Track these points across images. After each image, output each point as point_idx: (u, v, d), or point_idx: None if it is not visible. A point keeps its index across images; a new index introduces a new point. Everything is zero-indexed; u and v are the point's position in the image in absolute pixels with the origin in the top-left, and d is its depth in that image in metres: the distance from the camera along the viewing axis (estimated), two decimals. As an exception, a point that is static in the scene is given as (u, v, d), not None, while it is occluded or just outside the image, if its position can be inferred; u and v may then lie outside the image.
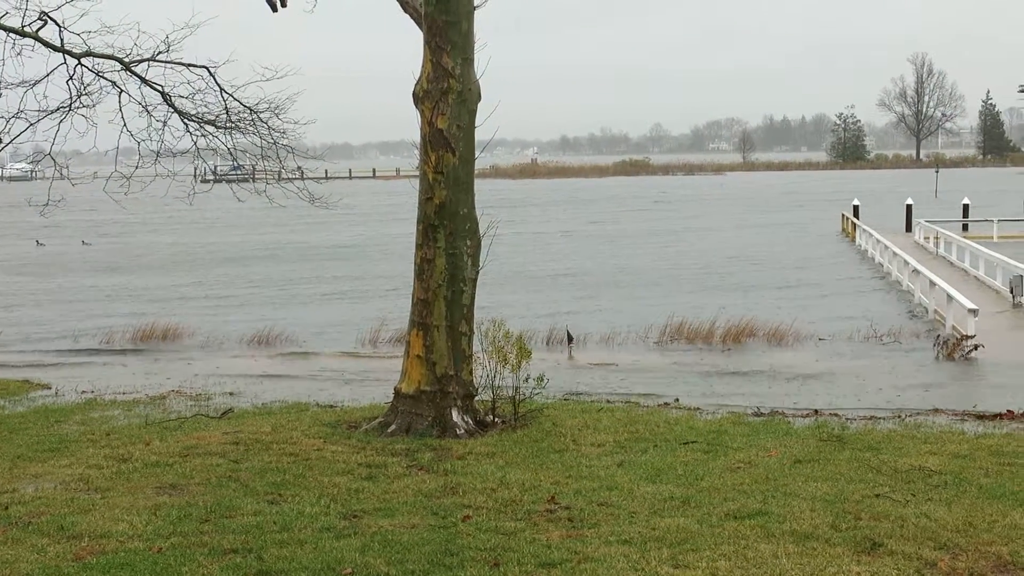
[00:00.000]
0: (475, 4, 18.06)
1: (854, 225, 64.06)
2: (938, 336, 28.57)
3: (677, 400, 21.54)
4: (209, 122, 21.39)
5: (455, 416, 17.73)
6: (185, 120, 21.26)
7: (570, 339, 29.83)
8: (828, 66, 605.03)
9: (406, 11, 19.00)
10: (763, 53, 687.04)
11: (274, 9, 19.74)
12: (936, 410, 20.21)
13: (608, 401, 21.25)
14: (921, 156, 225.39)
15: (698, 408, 20.57)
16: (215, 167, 25.71)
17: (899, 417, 19.44)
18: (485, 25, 19.16)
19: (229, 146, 21.87)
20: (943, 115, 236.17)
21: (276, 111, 21.42)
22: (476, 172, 18.89)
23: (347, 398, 22.40)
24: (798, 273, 48.91)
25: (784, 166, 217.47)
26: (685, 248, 62.31)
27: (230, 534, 12.24)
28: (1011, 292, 35.34)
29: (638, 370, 26.01)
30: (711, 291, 42.94)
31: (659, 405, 20.87)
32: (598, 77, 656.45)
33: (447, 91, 17.78)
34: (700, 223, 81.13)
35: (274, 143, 21.83)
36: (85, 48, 20.03)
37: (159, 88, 20.82)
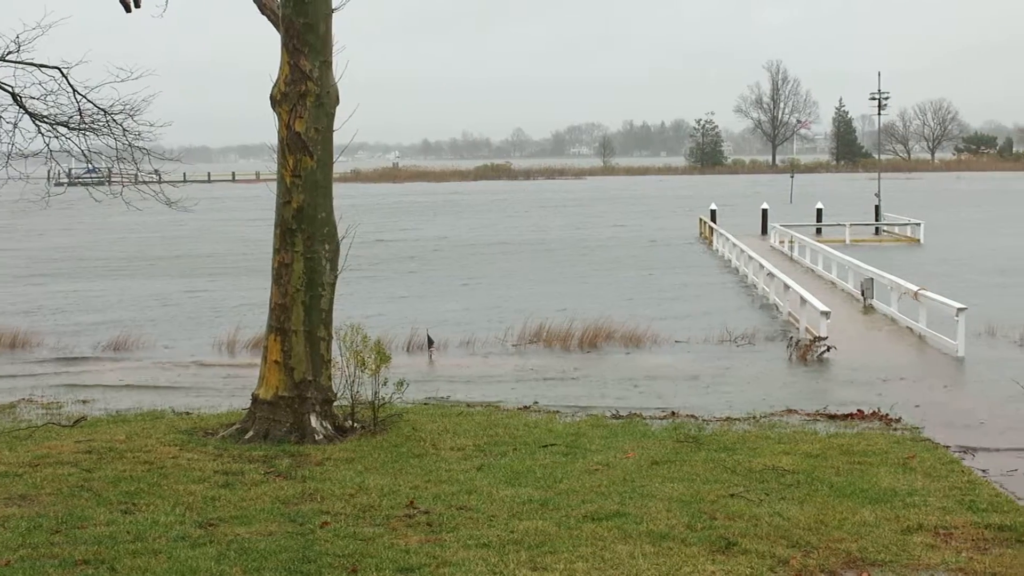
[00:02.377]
0: (333, 7, 17.98)
1: (711, 229, 64.93)
2: (791, 338, 29.06)
3: (536, 403, 21.62)
4: (62, 124, 20.95)
5: (314, 422, 17.62)
6: (36, 122, 20.80)
7: (430, 343, 29.78)
8: (689, 74, 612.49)
9: (264, 13, 18.87)
10: (624, 61, 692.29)
11: (128, 9, 19.40)
12: (789, 411, 20.55)
13: (468, 405, 21.28)
14: (777, 161, 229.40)
15: (557, 411, 20.70)
16: (70, 170, 25.26)
17: (754, 418, 19.77)
18: (345, 29, 19.04)
19: (83, 148, 21.44)
20: (798, 121, 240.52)
21: (131, 113, 21.07)
22: (336, 176, 18.81)
23: (204, 405, 22.10)
24: (656, 276, 49.39)
25: (644, 171, 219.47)
26: (542, 248, 62.54)
27: (82, 545, 12.01)
28: (862, 294, 36.11)
29: (498, 374, 26.05)
30: (568, 292, 43.14)
31: (519, 408, 20.95)
32: (461, 82, 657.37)
33: (305, 94, 17.67)
34: (565, 222, 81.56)
35: (129, 145, 21.46)
36: (-73, 47, 19.51)
37: (9, 89, 20.35)
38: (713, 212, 70.37)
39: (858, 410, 20.32)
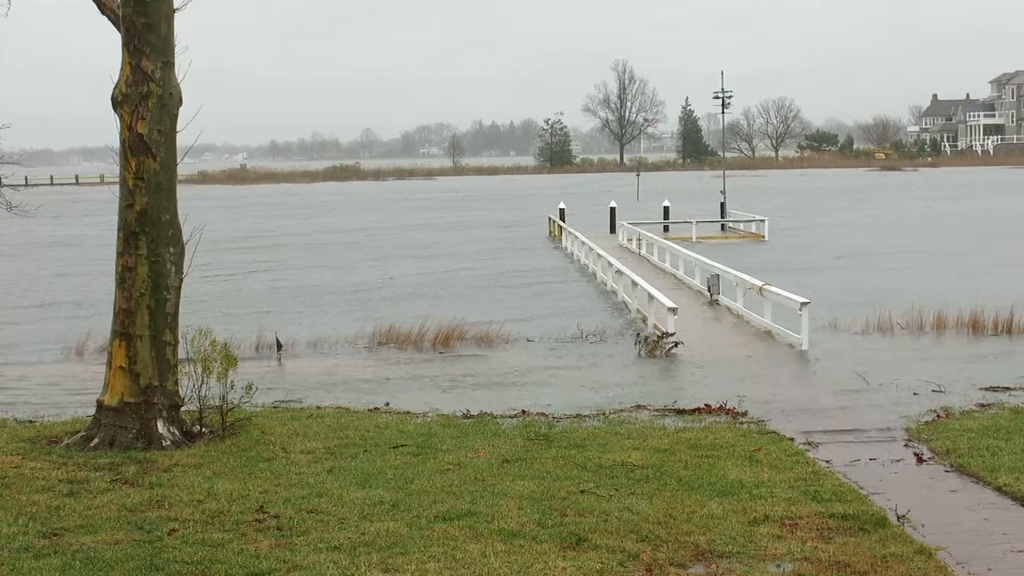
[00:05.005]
0: (175, 7, 17.74)
1: (560, 228, 65.33)
2: (640, 334, 29.34)
3: (388, 404, 21.55)
4: None
5: (161, 427, 17.37)
6: None
7: (279, 346, 29.50)
8: (538, 74, 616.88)
9: (104, 13, 18.51)
10: (473, 61, 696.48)
11: (-37, 8, 18.94)
12: (639, 407, 20.74)
13: (318, 407, 21.11)
14: (625, 160, 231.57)
15: (408, 412, 20.64)
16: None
17: (603, 415, 19.93)
18: (186, 28, 18.71)
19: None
20: (644, 120, 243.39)
21: (-33, 115, 20.56)
22: (182, 178, 18.56)
23: (48, 412, 21.58)
24: (506, 275, 49.58)
25: (493, 170, 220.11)
26: (393, 249, 62.37)
27: (-81, 559, 11.69)
28: (708, 290, 36.65)
29: (349, 375, 25.90)
30: (417, 296, 43.10)
31: (369, 410, 20.85)
32: (309, 82, 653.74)
33: (147, 95, 17.40)
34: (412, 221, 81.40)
35: (-35, 148, 20.94)
36: None
37: None
38: (562, 211, 70.79)
39: (705, 404, 20.61)
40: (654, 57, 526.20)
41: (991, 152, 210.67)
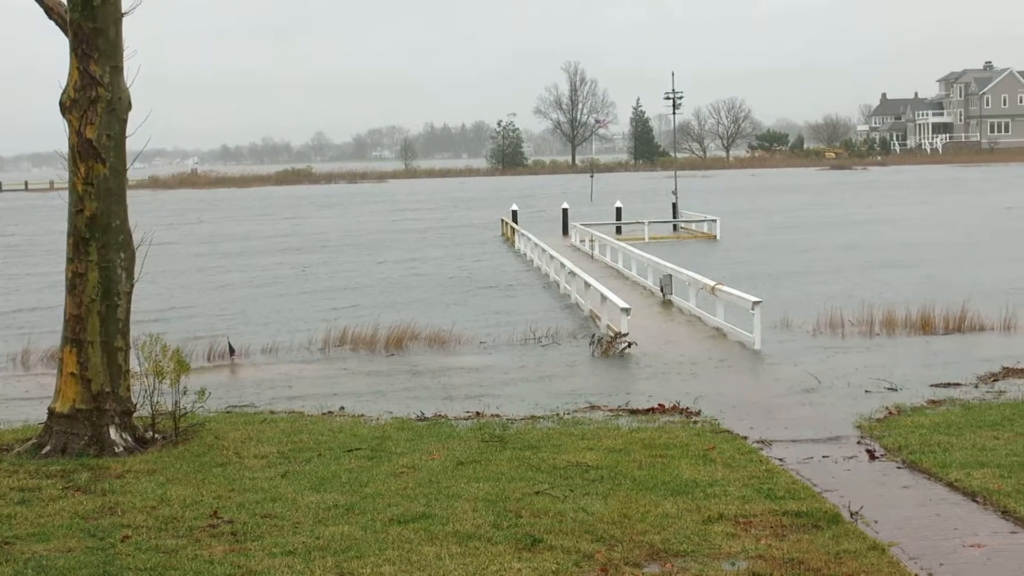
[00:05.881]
0: (123, 12, 17.64)
1: (513, 229, 65.33)
2: (594, 335, 29.39)
3: (342, 408, 21.49)
4: None
5: (113, 434, 17.26)
6: None
7: (232, 351, 29.34)
8: (489, 76, 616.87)
9: (51, 17, 18.38)
10: (425, 64, 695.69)
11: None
12: (593, 407, 20.79)
13: (272, 412, 21.04)
14: (577, 161, 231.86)
15: (362, 415, 20.60)
16: None
17: (558, 416, 19.95)
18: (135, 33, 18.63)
19: None
20: (596, 121, 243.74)
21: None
22: (132, 184, 18.46)
23: (-2, 420, 21.44)
24: (459, 278, 49.52)
25: (445, 172, 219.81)
26: (350, 252, 62.21)
27: None
28: (661, 290, 36.76)
29: (303, 379, 25.83)
30: (371, 298, 43.01)
31: (323, 414, 20.79)
32: (260, 86, 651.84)
33: (96, 100, 17.31)
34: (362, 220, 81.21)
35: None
36: None
37: None
38: (515, 212, 70.78)
39: (659, 404, 20.68)
40: (604, 59, 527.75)
41: (939, 150, 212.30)
